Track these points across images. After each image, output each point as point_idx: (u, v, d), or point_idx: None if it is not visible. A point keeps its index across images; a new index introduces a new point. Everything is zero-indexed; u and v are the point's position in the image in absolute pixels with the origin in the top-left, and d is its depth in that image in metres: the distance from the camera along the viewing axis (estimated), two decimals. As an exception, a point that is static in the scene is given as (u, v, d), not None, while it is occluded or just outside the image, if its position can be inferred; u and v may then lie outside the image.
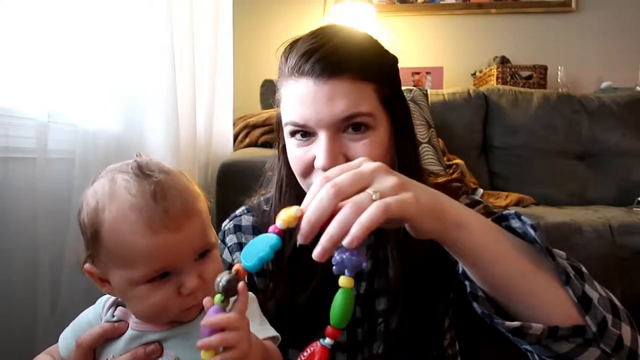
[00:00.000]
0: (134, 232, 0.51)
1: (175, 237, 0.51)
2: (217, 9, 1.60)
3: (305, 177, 0.71)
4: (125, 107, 1.06)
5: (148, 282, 0.52)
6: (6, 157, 0.84)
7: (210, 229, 0.57)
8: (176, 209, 0.52)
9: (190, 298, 0.53)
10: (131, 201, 0.51)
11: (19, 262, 0.84)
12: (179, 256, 0.52)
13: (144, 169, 0.54)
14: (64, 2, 0.94)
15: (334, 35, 0.67)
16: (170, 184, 0.53)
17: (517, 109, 2.12)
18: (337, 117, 0.65)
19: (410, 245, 0.71)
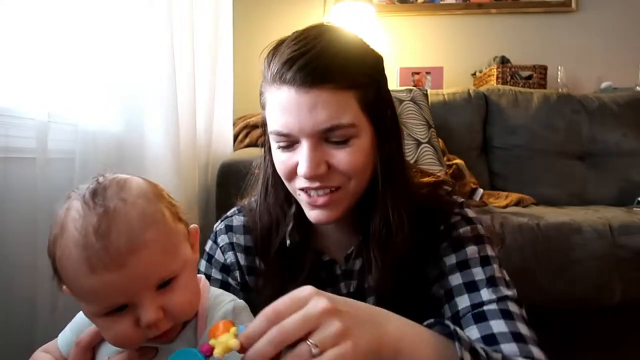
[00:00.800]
0: (76, 271, 0.48)
1: (118, 276, 0.47)
2: (217, 9, 1.60)
3: (289, 181, 0.72)
4: (125, 107, 1.06)
5: (105, 316, 0.50)
6: (6, 157, 0.84)
7: (175, 255, 0.52)
8: (118, 246, 0.47)
9: (151, 330, 0.50)
10: (75, 237, 0.48)
11: (19, 262, 0.84)
12: (128, 292, 0.49)
13: (97, 197, 0.50)
14: (64, 2, 0.94)
15: (317, 40, 0.66)
16: (119, 214, 0.49)
17: (517, 109, 2.12)
18: (318, 127, 0.65)
19: (392, 251, 0.72)
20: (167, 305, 0.50)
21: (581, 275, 1.40)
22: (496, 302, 0.71)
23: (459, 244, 0.76)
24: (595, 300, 1.42)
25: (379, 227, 0.73)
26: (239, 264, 0.82)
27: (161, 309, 0.50)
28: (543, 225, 1.44)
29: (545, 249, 1.41)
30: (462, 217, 0.78)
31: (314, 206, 0.70)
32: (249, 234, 0.82)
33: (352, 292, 0.80)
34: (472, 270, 0.74)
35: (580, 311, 1.44)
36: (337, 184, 0.69)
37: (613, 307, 1.42)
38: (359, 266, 0.80)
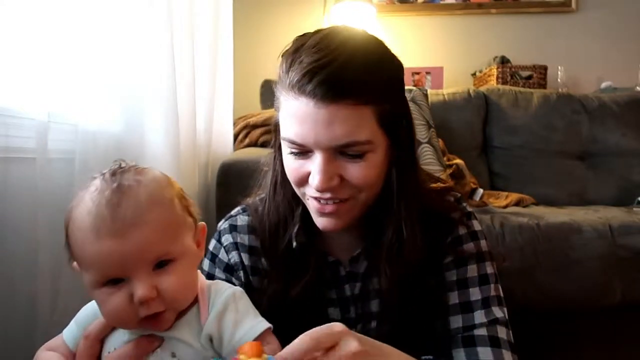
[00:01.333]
0: (84, 236, 0.52)
1: (117, 244, 0.51)
2: (217, 9, 1.60)
3: (299, 187, 0.72)
4: (125, 107, 1.06)
5: (104, 286, 0.53)
6: (6, 157, 0.84)
7: (176, 239, 0.55)
8: (124, 217, 0.51)
9: (143, 308, 0.52)
10: (88, 206, 0.53)
11: (19, 262, 0.84)
12: (125, 264, 0.52)
13: (115, 176, 0.55)
14: (64, 2, 0.94)
15: (339, 50, 0.64)
16: (131, 192, 0.53)
17: (517, 109, 2.12)
18: (335, 142, 0.65)
19: (403, 263, 0.73)
20: (160, 285, 0.53)
21: (581, 275, 1.40)
22: (487, 326, 0.74)
23: (461, 261, 0.77)
24: (595, 300, 1.42)
25: (391, 239, 0.73)
26: (242, 264, 0.81)
27: (155, 288, 0.52)
28: (543, 225, 1.44)
29: (545, 249, 1.40)
30: (468, 231, 0.80)
31: (322, 213, 0.70)
32: (253, 234, 0.82)
33: (356, 293, 0.80)
34: (470, 290, 0.76)
35: (580, 311, 1.44)
36: (347, 196, 0.69)
37: (613, 307, 1.42)
38: (363, 268, 0.80)
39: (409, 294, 0.74)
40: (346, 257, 0.80)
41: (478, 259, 0.78)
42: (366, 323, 0.79)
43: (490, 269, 0.79)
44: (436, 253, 0.77)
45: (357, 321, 0.79)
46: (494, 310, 0.76)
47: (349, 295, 0.80)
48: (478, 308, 0.76)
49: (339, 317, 0.79)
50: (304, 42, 0.68)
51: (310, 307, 0.77)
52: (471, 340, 0.74)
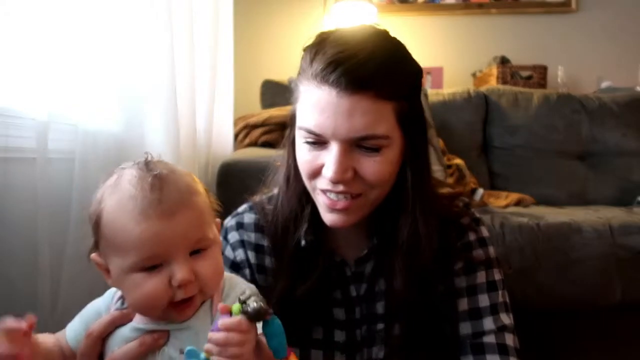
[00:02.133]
0: (128, 219, 0.53)
1: (166, 225, 0.53)
2: (217, 9, 1.60)
3: (310, 179, 0.72)
4: (125, 107, 1.06)
5: (141, 271, 0.54)
6: (6, 157, 0.84)
7: (209, 227, 0.58)
8: (170, 199, 0.54)
9: (180, 291, 0.54)
10: (130, 191, 0.54)
11: (19, 262, 0.84)
12: (170, 246, 0.53)
13: (150, 165, 0.57)
14: (64, 2, 0.94)
15: (364, 45, 0.66)
16: (170, 178, 0.55)
17: (517, 109, 2.12)
18: (353, 134, 0.65)
19: (418, 262, 0.73)
20: (197, 270, 0.55)
21: (581, 275, 1.40)
22: (495, 333, 0.75)
23: (471, 268, 0.78)
24: (595, 300, 1.42)
25: (407, 238, 0.73)
26: (248, 261, 0.81)
27: (192, 271, 0.54)
28: (543, 225, 1.44)
29: (545, 249, 1.40)
30: (478, 237, 0.80)
31: (332, 209, 0.70)
32: (259, 232, 0.82)
33: (362, 294, 0.80)
34: (479, 296, 0.77)
35: (580, 311, 1.44)
36: (359, 191, 0.69)
37: (613, 307, 1.42)
38: (370, 269, 0.79)
39: (420, 297, 0.74)
40: (353, 257, 0.80)
41: (487, 266, 0.79)
42: (371, 324, 0.79)
43: (498, 276, 0.80)
44: (446, 258, 0.77)
45: (362, 322, 0.79)
46: (502, 317, 0.77)
47: (354, 296, 0.80)
48: (487, 315, 0.77)
49: (343, 318, 0.79)
50: (328, 35, 0.69)
51: (315, 306, 0.78)
52: (480, 347, 0.75)
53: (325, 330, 0.79)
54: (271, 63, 2.57)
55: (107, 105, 1.03)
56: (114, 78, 1.03)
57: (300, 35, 3.07)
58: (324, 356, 0.78)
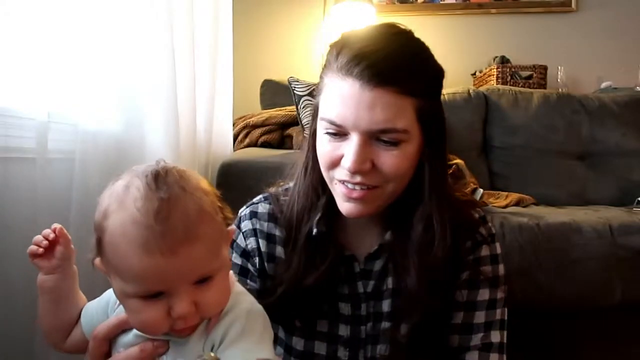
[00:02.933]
0: (129, 250, 0.49)
1: (168, 262, 0.49)
2: (217, 9, 1.60)
3: (329, 170, 0.73)
4: (125, 107, 1.06)
5: (140, 298, 0.51)
6: (6, 157, 0.84)
7: (217, 253, 0.54)
8: (176, 233, 0.49)
9: (179, 321, 0.51)
10: (134, 215, 0.49)
11: (19, 262, 0.84)
12: (171, 281, 0.50)
13: (159, 181, 0.51)
14: (64, 2, 0.94)
15: (389, 41, 0.69)
16: (179, 203, 0.50)
17: (517, 109, 2.12)
18: (373, 126, 0.67)
19: (431, 259, 0.73)
20: (199, 301, 0.52)
21: (581, 275, 1.40)
22: (479, 351, 0.76)
23: (475, 283, 0.78)
24: (595, 300, 1.42)
25: (422, 233, 0.74)
26: (259, 250, 0.82)
27: (194, 303, 0.51)
28: (543, 225, 1.44)
29: (545, 249, 1.40)
30: (490, 253, 0.80)
31: (348, 198, 0.72)
32: (273, 222, 0.83)
33: (369, 291, 0.80)
34: (476, 313, 0.78)
35: (580, 311, 1.44)
36: (376, 183, 0.71)
37: (613, 307, 1.42)
38: (379, 267, 0.80)
39: (430, 297, 0.74)
40: (363, 253, 0.80)
41: (492, 284, 0.79)
42: (376, 322, 0.79)
43: (501, 294, 0.80)
44: (456, 265, 0.77)
45: (367, 319, 0.80)
46: (492, 334, 0.77)
47: (361, 292, 0.80)
48: (478, 331, 0.77)
49: (349, 313, 0.80)
50: (355, 32, 0.72)
51: (322, 299, 0.78)
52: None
53: (330, 323, 0.79)
54: (271, 63, 2.57)
55: (107, 105, 1.03)
56: (114, 78, 1.03)
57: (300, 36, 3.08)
58: (328, 349, 0.79)
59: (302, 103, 1.75)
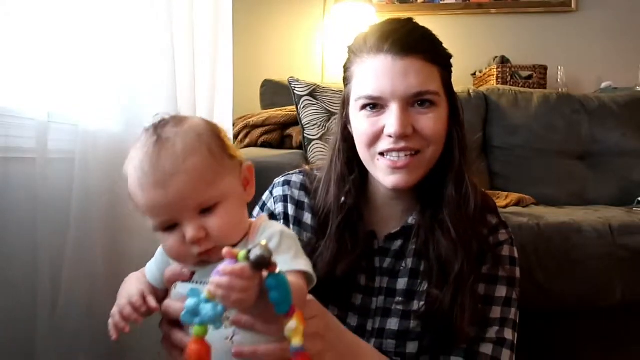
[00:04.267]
0: (135, 190, 0.59)
1: (163, 195, 0.57)
2: (217, 9, 1.60)
3: (370, 147, 0.79)
4: (125, 107, 1.06)
5: (162, 230, 0.60)
6: (6, 157, 0.84)
7: (214, 184, 0.59)
8: (163, 169, 0.57)
9: (194, 246, 0.58)
10: (134, 163, 0.59)
11: (19, 262, 0.84)
12: (172, 211, 0.58)
13: (158, 128, 0.60)
14: (64, 2, 0.94)
15: (408, 21, 0.80)
16: (170, 143, 0.58)
17: (517, 109, 2.12)
18: (410, 91, 0.75)
19: (464, 214, 0.79)
20: (207, 226, 0.58)
21: (581, 275, 1.40)
22: (494, 343, 0.77)
23: (494, 279, 0.81)
24: (595, 300, 1.42)
25: (455, 192, 0.79)
26: (286, 214, 0.88)
27: (203, 229, 0.58)
28: (543, 225, 1.44)
29: (545, 249, 1.40)
30: (510, 255, 0.84)
31: (394, 169, 0.77)
32: (303, 191, 0.89)
33: (385, 267, 0.84)
34: (493, 307, 0.79)
35: (580, 311, 1.44)
36: (418, 147, 0.77)
37: (613, 307, 1.42)
38: (397, 247, 0.84)
39: (464, 256, 0.77)
40: (384, 232, 0.85)
41: (509, 283, 0.81)
42: (388, 297, 0.83)
43: (516, 295, 0.82)
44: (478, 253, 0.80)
45: (379, 292, 0.83)
46: (506, 331, 0.78)
47: (377, 266, 0.84)
48: (493, 325, 0.78)
49: (363, 283, 0.83)
50: (373, 25, 0.81)
51: (353, 276, 0.82)
52: (474, 355, 0.76)
53: (345, 290, 0.82)
54: (271, 63, 2.57)
55: (107, 105, 1.03)
56: (114, 78, 1.03)
57: (300, 35, 3.08)
58: (339, 314, 0.81)
59: (302, 103, 1.75)
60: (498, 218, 0.87)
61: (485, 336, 0.77)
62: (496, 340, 0.77)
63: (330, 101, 1.79)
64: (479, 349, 0.77)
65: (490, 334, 0.77)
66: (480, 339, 0.77)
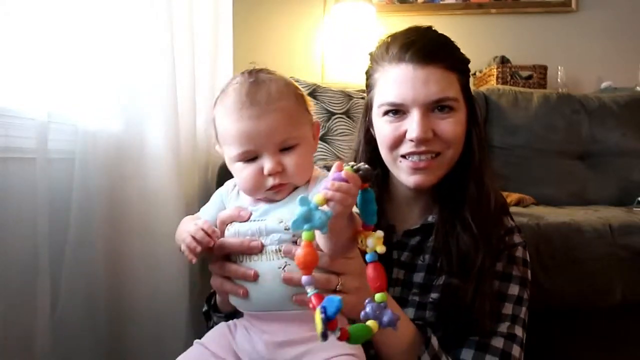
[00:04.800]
0: (228, 119, 0.68)
1: (254, 125, 0.66)
2: (217, 9, 1.60)
3: (393, 150, 0.83)
4: (125, 107, 1.06)
5: (242, 161, 0.68)
6: (6, 157, 0.84)
7: (297, 127, 0.69)
8: (259, 104, 0.66)
9: (270, 179, 0.67)
10: (231, 95, 0.68)
11: (19, 262, 0.84)
12: (259, 142, 0.66)
13: (252, 74, 0.70)
14: (64, 2, 0.94)
15: (428, 31, 0.84)
16: (264, 85, 0.68)
17: (517, 109, 2.12)
18: (430, 97, 0.79)
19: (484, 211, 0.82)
20: (285, 162, 0.67)
21: (581, 275, 1.40)
22: (505, 338, 0.79)
23: (508, 277, 0.84)
24: (595, 300, 1.42)
25: (475, 190, 0.83)
26: None
27: (280, 164, 0.67)
28: (543, 225, 1.44)
29: (545, 249, 1.40)
30: (523, 257, 0.88)
31: (415, 169, 0.82)
32: None
33: (402, 260, 0.87)
34: (505, 304, 0.82)
35: (580, 311, 1.44)
36: (438, 149, 0.81)
37: (613, 307, 1.42)
38: (415, 242, 0.87)
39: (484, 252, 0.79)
40: (402, 227, 0.88)
41: (522, 283, 0.85)
42: (405, 289, 0.85)
43: (527, 296, 0.85)
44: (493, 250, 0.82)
45: (396, 283, 0.86)
46: (517, 328, 0.81)
47: (395, 258, 0.87)
48: (505, 320, 0.81)
49: None
50: (394, 33, 0.85)
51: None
52: (485, 347, 0.78)
53: None
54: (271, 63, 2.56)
55: (107, 105, 1.03)
56: (114, 78, 1.03)
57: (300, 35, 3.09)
58: None
59: (302, 103, 1.75)
60: (513, 221, 0.90)
61: (497, 330, 0.79)
62: (507, 335, 0.79)
63: (330, 101, 1.79)
64: (490, 342, 0.79)
65: (502, 328, 0.80)
66: (492, 332, 0.79)
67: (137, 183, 1.05)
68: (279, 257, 0.66)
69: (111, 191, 1.00)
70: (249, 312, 0.72)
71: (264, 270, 0.67)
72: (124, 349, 1.03)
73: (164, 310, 1.08)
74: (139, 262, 1.05)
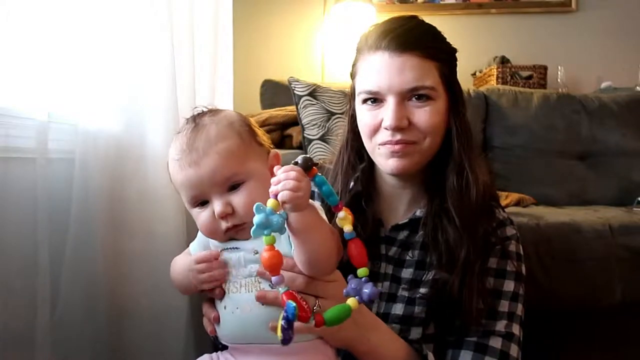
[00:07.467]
0: (172, 167, 0.70)
1: (196, 172, 0.67)
2: (217, 9, 1.60)
3: (371, 137, 0.83)
4: (125, 107, 1.06)
5: (195, 206, 0.70)
6: (6, 157, 0.84)
7: (240, 164, 0.69)
8: (197, 149, 0.67)
9: (223, 222, 0.68)
10: (175, 144, 0.70)
11: (19, 262, 0.84)
12: (203, 187, 0.68)
13: (197, 119, 0.72)
14: (64, 2, 0.94)
15: (410, 19, 0.83)
16: (205, 129, 0.69)
17: (517, 109, 2.12)
18: (405, 86, 0.78)
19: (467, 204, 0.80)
20: (233, 202, 0.67)
21: (581, 275, 1.40)
22: (503, 337, 0.78)
23: (502, 274, 0.83)
24: (595, 300, 1.42)
25: (456, 181, 0.82)
26: None
27: (229, 205, 0.67)
28: (543, 225, 1.44)
29: (545, 249, 1.40)
30: (517, 251, 0.86)
31: (392, 153, 0.80)
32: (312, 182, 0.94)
33: (390, 255, 0.86)
34: (501, 301, 0.81)
35: (580, 311, 1.44)
36: (414, 139, 0.80)
37: (613, 307, 1.42)
38: (402, 237, 0.86)
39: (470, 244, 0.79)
40: (390, 222, 0.87)
41: (517, 278, 0.83)
42: (393, 283, 0.84)
43: (522, 291, 0.84)
44: (484, 246, 0.81)
45: (384, 278, 0.85)
46: (514, 326, 0.80)
47: (383, 253, 0.86)
48: (502, 318, 0.80)
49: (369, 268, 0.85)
50: (377, 23, 0.85)
51: None
52: (483, 348, 0.78)
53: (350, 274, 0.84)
54: (271, 63, 2.57)
55: (107, 105, 1.03)
56: (114, 78, 1.03)
57: (300, 35, 3.09)
58: None
59: (302, 103, 1.75)
60: (505, 212, 0.89)
61: (495, 329, 0.78)
62: (505, 335, 0.79)
63: (330, 101, 1.79)
64: (488, 342, 0.78)
65: (499, 327, 0.79)
66: (489, 332, 0.78)
67: (137, 183, 1.05)
68: (258, 289, 0.67)
69: (111, 191, 1.00)
70: (231, 344, 0.72)
71: (243, 302, 0.68)
72: (124, 348, 1.03)
73: (164, 310, 1.08)
74: (139, 262, 1.04)
